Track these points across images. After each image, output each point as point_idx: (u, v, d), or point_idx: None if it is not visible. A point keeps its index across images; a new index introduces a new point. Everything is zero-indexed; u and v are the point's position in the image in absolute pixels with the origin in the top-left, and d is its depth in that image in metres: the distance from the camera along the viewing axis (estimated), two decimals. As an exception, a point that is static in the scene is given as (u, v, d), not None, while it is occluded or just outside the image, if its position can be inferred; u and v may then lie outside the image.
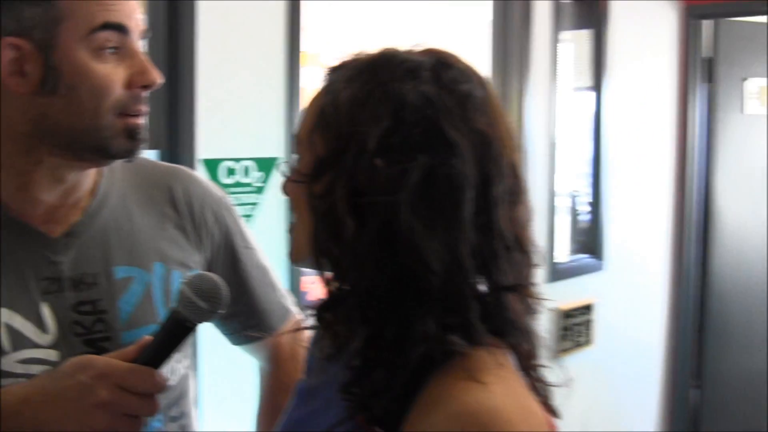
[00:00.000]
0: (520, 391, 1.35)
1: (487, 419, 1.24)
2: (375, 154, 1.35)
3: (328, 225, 1.38)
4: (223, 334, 2.17)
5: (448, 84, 1.41)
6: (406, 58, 1.44)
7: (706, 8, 6.37)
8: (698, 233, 6.59)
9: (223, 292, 1.58)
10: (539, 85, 5.15)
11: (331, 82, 1.45)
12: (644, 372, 6.46)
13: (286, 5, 3.69)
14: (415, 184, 1.34)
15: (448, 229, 1.35)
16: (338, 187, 1.36)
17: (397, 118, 1.37)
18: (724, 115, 6.51)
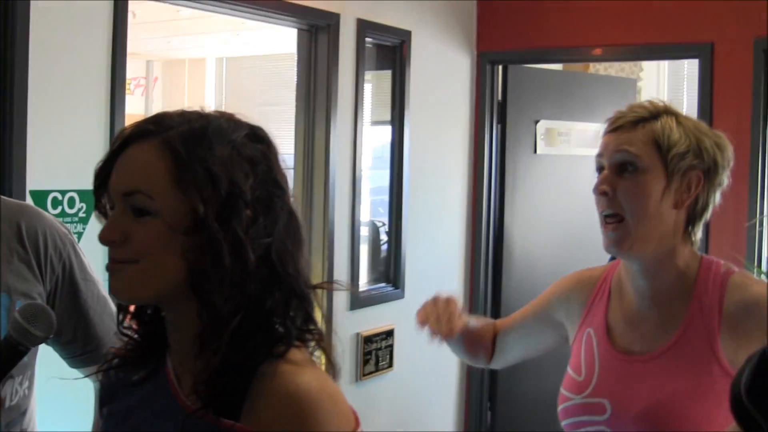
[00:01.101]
0: (324, 374, 1.64)
1: (315, 394, 1.54)
2: (248, 205, 1.59)
3: (212, 264, 1.57)
4: (62, 358, 2.29)
5: (266, 141, 1.69)
6: (236, 121, 1.68)
7: (497, 55, 6.70)
8: (490, 263, 6.80)
9: (52, 319, 1.74)
10: (343, 119, 5.39)
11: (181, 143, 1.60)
12: (442, 394, 6.63)
13: (110, 43, 3.88)
14: (283, 225, 1.63)
15: (301, 251, 1.68)
16: (221, 236, 1.56)
17: (255, 174, 1.61)
18: (515, 155, 6.76)
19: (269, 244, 1.61)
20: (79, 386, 2.48)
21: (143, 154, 1.61)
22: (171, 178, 1.58)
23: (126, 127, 1.69)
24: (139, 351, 1.79)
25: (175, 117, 1.66)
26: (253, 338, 1.59)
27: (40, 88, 3.59)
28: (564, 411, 2.53)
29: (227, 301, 1.58)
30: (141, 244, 1.59)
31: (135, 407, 1.76)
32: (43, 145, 3.62)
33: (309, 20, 5.20)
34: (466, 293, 6.79)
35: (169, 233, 1.58)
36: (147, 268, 1.60)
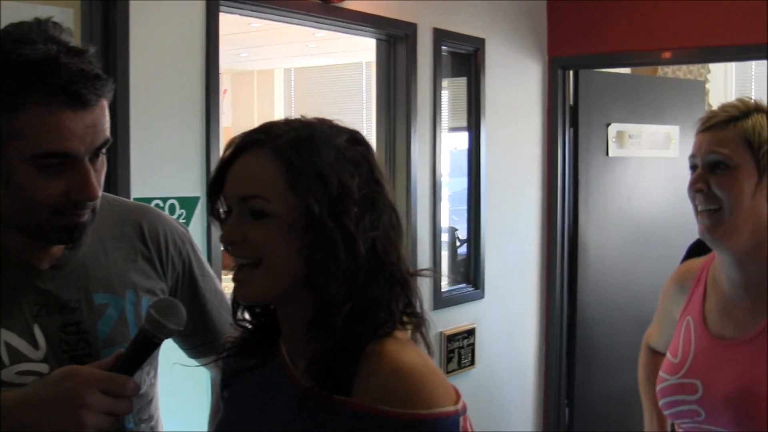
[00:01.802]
0: (425, 353, 1.78)
1: (420, 370, 1.68)
2: (355, 204, 1.74)
3: (327, 258, 1.71)
4: (182, 350, 2.40)
5: (364, 144, 1.84)
6: (336, 127, 1.82)
7: (567, 60, 6.77)
8: (566, 264, 6.88)
9: (183, 312, 1.86)
10: (423, 125, 5.50)
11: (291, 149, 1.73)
12: (521, 392, 6.71)
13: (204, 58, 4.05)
14: (387, 219, 1.79)
15: (401, 241, 1.83)
16: (336, 232, 1.71)
17: (359, 174, 1.76)
18: (587, 157, 6.82)
19: (375, 237, 1.75)
20: (196, 375, 2.65)
21: (257, 162, 1.75)
22: (285, 182, 1.72)
23: (235, 137, 1.82)
24: (253, 339, 1.95)
25: (281, 126, 1.80)
26: (361, 322, 1.73)
27: (140, 103, 3.74)
28: (661, 391, 2.65)
29: (340, 291, 1.72)
30: (260, 244, 1.73)
31: (254, 389, 1.91)
32: (144, 155, 3.77)
33: (387, 30, 5.30)
34: (542, 293, 6.87)
35: (287, 232, 1.71)
36: (268, 269, 1.75)
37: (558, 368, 6.90)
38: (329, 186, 1.71)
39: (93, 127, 1.86)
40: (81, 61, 1.83)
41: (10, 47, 1.81)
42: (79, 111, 1.82)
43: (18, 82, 1.80)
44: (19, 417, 1.75)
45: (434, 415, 1.64)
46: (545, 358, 6.92)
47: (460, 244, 6.25)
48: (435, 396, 1.65)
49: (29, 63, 1.79)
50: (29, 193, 1.87)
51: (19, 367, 1.95)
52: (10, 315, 1.97)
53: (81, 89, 1.81)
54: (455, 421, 1.66)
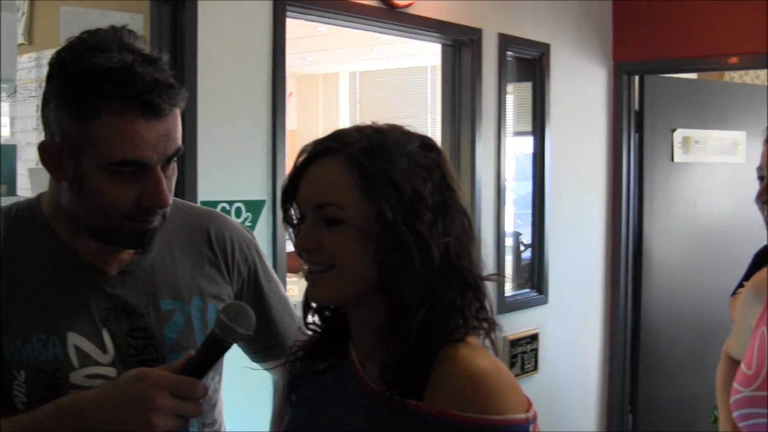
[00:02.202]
0: (497, 359, 1.78)
1: (493, 376, 1.68)
2: (428, 210, 1.74)
3: (401, 263, 1.72)
4: (246, 354, 2.42)
5: (435, 149, 1.84)
6: (408, 133, 1.83)
7: (633, 65, 6.75)
8: (630, 270, 6.85)
9: (252, 317, 1.86)
10: (487, 130, 5.51)
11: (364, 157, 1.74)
12: (584, 397, 6.70)
13: (270, 63, 4.09)
14: (459, 224, 1.79)
15: (474, 245, 1.83)
16: (410, 238, 1.71)
17: (431, 180, 1.76)
18: (653, 163, 6.79)
19: (448, 242, 1.76)
20: (259, 380, 2.69)
21: (330, 169, 1.76)
22: (359, 189, 1.73)
23: (308, 145, 1.83)
24: (322, 343, 1.96)
25: (353, 133, 1.80)
26: (435, 327, 1.73)
27: (208, 106, 3.79)
28: (734, 403, 2.62)
29: (415, 296, 1.72)
30: (335, 250, 1.74)
31: (322, 392, 1.92)
32: (211, 158, 3.81)
33: (453, 35, 5.32)
34: (607, 299, 6.85)
35: (361, 239, 1.73)
36: (342, 273, 1.75)
37: (621, 374, 6.87)
38: (402, 192, 1.71)
39: (166, 136, 1.89)
40: (155, 70, 1.85)
41: (86, 55, 1.84)
42: (152, 120, 1.85)
43: (93, 90, 1.82)
44: (89, 418, 1.77)
45: (505, 421, 1.64)
46: (609, 363, 6.89)
47: (524, 248, 6.24)
48: (507, 402, 1.66)
49: (104, 71, 1.81)
50: (102, 199, 1.90)
51: (88, 371, 1.98)
52: (80, 319, 2.01)
53: (155, 98, 1.83)
54: (525, 429, 1.67)
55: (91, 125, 1.83)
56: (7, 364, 1.96)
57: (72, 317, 2.00)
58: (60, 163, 1.92)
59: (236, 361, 2.37)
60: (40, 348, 1.96)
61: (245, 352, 2.41)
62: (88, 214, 1.96)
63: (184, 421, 1.81)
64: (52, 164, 1.94)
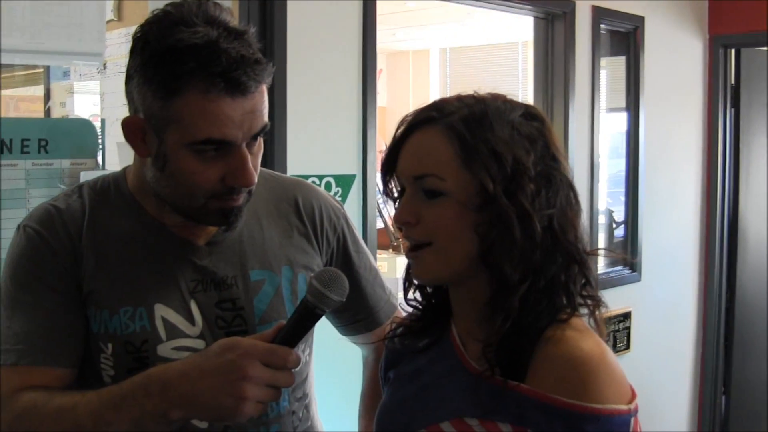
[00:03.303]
0: (604, 343, 1.73)
1: (597, 361, 1.64)
2: (531, 181, 1.69)
3: (502, 236, 1.68)
4: (335, 326, 2.40)
5: (540, 119, 1.79)
6: (511, 102, 1.78)
7: (730, 38, 6.62)
8: (725, 249, 6.74)
9: (345, 283, 1.82)
10: (581, 105, 5.44)
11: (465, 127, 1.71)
12: (677, 378, 6.63)
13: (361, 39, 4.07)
14: (564, 197, 1.74)
15: (579, 218, 1.78)
16: (511, 210, 1.67)
17: (534, 151, 1.72)
18: (749, 138, 6.69)
19: (552, 214, 1.71)
20: (350, 354, 2.67)
21: (430, 139, 1.73)
22: (459, 159, 1.70)
23: (407, 115, 1.80)
24: (422, 321, 1.94)
25: (453, 102, 1.77)
26: (539, 304, 1.70)
27: (297, 81, 3.78)
28: None
29: (516, 270, 1.68)
30: (435, 223, 1.72)
31: (421, 370, 1.89)
32: (301, 133, 3.80)
33: (545, 8, 5.25)
34: (701, 278, 6.75)
35: (462, 211, 1.69)
36: (442, 249, 1.73)
37: (715, 354, 6.77)
38: (504, 163, 1.68)
39: (251, 113, 1.87)
40: (241, 45, 1.83)
41: (170, 30, 1.82)
42: (238, 97, 1.83)
43: (177, 67, 1.80)
44: (179, 388, 1.74)
45: (607, 411, 1.61)
46: (702, 343, 6.80)
47: (616, 226, 6.16)
48: (608, 391, 1.62)
49: (188, 47, 1.79)
50: (186, 178, 1.90)
51: (175, 343, 1.99)
52: (168, 291, 2.01)
53: (240, 76, 1.81)
54: (626, 421, 1.64)
55: (174, 103, 1.82)
56: (94, 338, 1.97)
57: (159, 289, 2.01)
58: (144, 139, 1.92)
59: (326, 335, 2.38)
60: (126, 320, 1.97)
61: (334, 324, 2.40)
62: (172, 192, 1.96)
63: (277, 392, 1.78)
64: (136, 140, 1.94)
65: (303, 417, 2.21)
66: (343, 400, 2.85)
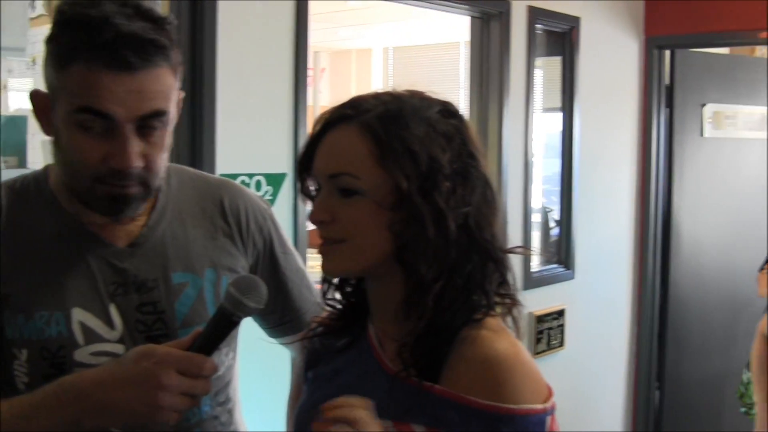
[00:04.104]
0: (519, 343, 1.75)
1: (512, 361, 1.66)
2: (446, 179, 1.70)
3: (416, 235, 1.68)
4: (262, 328, 2.38)
5: (458, 116, 1.80)
6: (428, 99, 1.78)
7: (665, 39, 6.68)
8: (659, 246, 6.82)
9: (263, 290, 1.80)
10: (515, 105, 5.46)
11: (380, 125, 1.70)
12: (611, 373, 6.67)
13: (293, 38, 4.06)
14: (480, 194, 1.75)
15: (496, 217, 1.79)
16: (425, 209, 1.68)
17: (450, 148, 1.72)
18: (683, 138, 6.76)
19: (468, 212, 1.71)
20: (276, 357, 2.66)
21: (345, 138, 1.72)
22: (374, 158, 1.69)
23: (324, 113, 1.80)
24: (341, 320, 1.93)
25: (370, 100, 1.76)
26: (454, 303, 1.70)
27: (227, 78, 3.75)
28: None
29: (431, 269, 1.68)
30: (350, 222, 1.71)
31: (339, 370, 1.89)
32: (231, 131, 3.77)
33: (481, 8, 5.26)
34: (635, 275, 6.81)
35: (376, 209, 1.69)
36: (356, 245, 1.72)
37: (649, 350, 6.84)
38: (419, 161, 1.68)
39: (138, 93, 1.82)
40: (138, 24, 1.81)
41: (73, 5, 1.83)
42: (121, 74, 1.79)
43: (69, 39, 1.80)
44: (93, 397, 1.72)
45: (521, 411, 1.62)
46: (636, 340, 6.86)
47: (554, 225, 6.21)
48: (523, 390, 1.64)
49: (81, 20, 1.79)
50: (72, 154, 1.87)
51: (93, 348, 1.95)
52: (86, 294, 1.97)
53: (124, 52, 1.78)
54: (542, 420, 1.65)
55: (64, 74, 1.82)
56: (8, 344, 1.94)
57: (77, 292, 1.97)
58: (48, 116, 1.91)
59: (253, 337, 2.36)
60: (42, 325, 1.93)
61: (261, 326, 2.38)
62: (64, 172, 1.94)
63: (193, 400, 1.77)
64: (41, 115, 1.93)
65: (226, 421, 2.18)
66: (272, 402, 2.86)
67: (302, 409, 1.95)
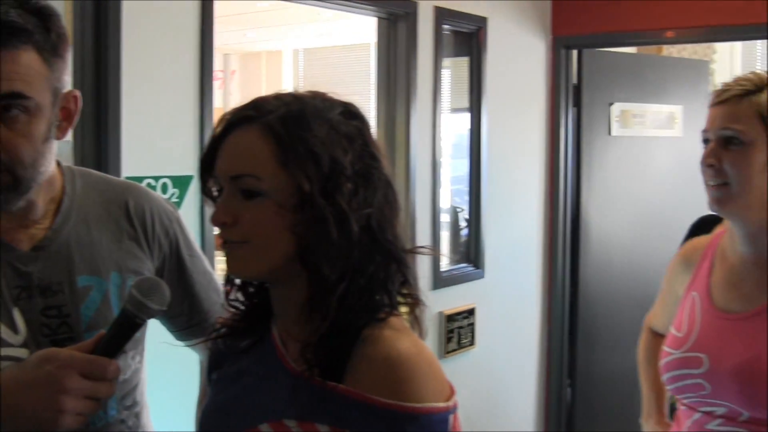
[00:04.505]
0: (422, 342, 1.75)
1: (414, 360, 1.66)
2: (348, 180, 1.70)
3: (319, 236, 1.68)
4: (169, 332, 2.37)
5: (360, 117, 1.80)
6: (330, 100, 1.78)
7: (571, 39, 6.74)
8: (568, 244, 6.87)
9: (166, 292, 1.80)
10: (423, 106, 5.46)
11: (282, 126, 1.69)
12: (523, 371, 6.71)
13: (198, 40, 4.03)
14: (382, 195, 1.75)
15: (398, 217, 1.79)
16: (327, 210, 1.67)
17: (352, 149, 1.72)
18: (591, 137, 6.81)
19: (370, 213, 1.71)
20: (186, 360, 2.65)
21: (247, 139, 1.71)
22: (276, 159, 1.68)
23: (226, 114, 1.78)
24: (245, 321, 1.92)
25: (272, 101, 1.75)
26: (357, 303, 1.70)
27: (133, 80, 3.72)
28: (665, 365, 2.66)
29: (334, 270, 1.68)
30: (252, 224, 1.70)
31: (243, 372, 1.87)
32: (137, 133, 3.74)
33: (388, 8, 5.25)
34: (545, 273, 6.87)
35: (279, 211, 1.68)
36: (259, 247, 1.70)
37: (560, 348, 6.91)
38: (320, 162, 1.67)
39: None
40: (3, 8, 1.79)
41: None
42: None
43: None
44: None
45: (424, 410, 1.62)
46: (547, 337, 6.92)
47: (465, 225, 6.23)
48: (426, 389, 1.64)
49: None
50: None
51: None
52: None
53: None
54: (445, 418, 1.65)
55: None
56: None
57: None
58: None
59: (160, 341, 2.34)
60: None
61: (168, 329, 2.37)
62: None
63: (97, 403, 1.75)
64: None
65: (133, 425, 2.17)
66: (180, 406, 2.84)
67: (207, 412, 1.93)
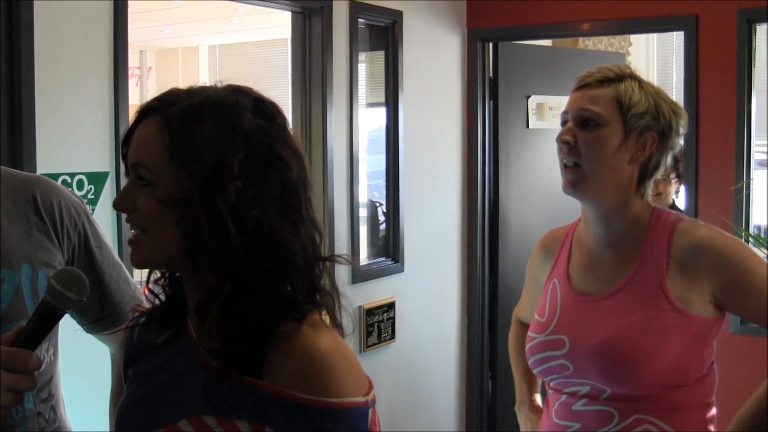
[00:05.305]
0: (340, 337, 1.75)
1: (332, 355, 1.66)
2: (238, 178, 1.68)
3: (210, 235, 1.66)
4: (80, 325, 2.37)
5: (269, 116, 1.76)
6: (241, 96, 1.76)
7: (487, 32, 6.75)
8: (487, 237, 6.89)
9: (85, 282, 1.79)
10: (339, 100, 5.46)
11: (177, 119, 1.69)
12: (443, 364, 6.72)
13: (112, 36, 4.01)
14: (276, 197, 1.71)
15: (301, 224, 1.75)
16: (200, 210, 1.66)
17: (247, 147, 1.69)
18: (508, 130, 6.84)
19: (259, 215, 1.69)
20: (100, 353, 2.62)
21: (146, 130, 1.73)
22: (166, 151, 1.69)
23: (143, 104, 1.78)
24: (163, 311, 1.90)
25: (181, 93, 1.75)
26: (253, 306, 1.69)
27: (46, 76, 3.70)
28: (530, 350, 2.74)
29: (213, 272, 1.67)
30: (144, 212, 1.71)
31: (160, 367, 1.86)
32: (51, 130, 3.73)
33: (302, 3, 5.24)
34: (464, 266, 6.87)
35: (165, 203, 1.68)
36: (153, 236, 1.72)
37: (480, 340, 6.92)
38: (204, 159, 1.66)
39: None
40: None
41: None
42: None
43: None
44: None
45: (343, 405, 1.63)
46: (467, 330, 6.93)
47: (384, 219, 6.23)
48: (345, 384, 1.64)
49: None
50: None
51: None
52: None
53: None
54: (364, 413, 1.66)
55: None
56: None
57: None
58: None
59: (73, 333, 2.34)
60: None
61: (79, 323, 2.37)
62: None
63: (19, 396, 1.74)
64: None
65: (50, 418, 2.18)
66: (94, 399, 2.82)
67: (124, 409, 1.91)
